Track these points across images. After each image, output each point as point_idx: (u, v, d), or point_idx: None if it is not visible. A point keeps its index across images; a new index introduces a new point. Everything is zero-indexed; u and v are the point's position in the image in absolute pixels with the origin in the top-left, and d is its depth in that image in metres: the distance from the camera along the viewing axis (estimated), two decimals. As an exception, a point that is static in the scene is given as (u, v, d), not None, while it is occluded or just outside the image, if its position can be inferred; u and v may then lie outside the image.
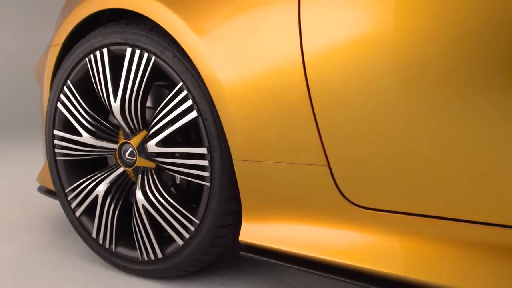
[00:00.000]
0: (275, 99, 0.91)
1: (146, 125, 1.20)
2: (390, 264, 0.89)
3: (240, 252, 1.06)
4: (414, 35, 0.77)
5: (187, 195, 1.28)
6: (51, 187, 1.51)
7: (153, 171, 1.20)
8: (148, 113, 1.26)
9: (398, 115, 0.81)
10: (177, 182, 1.26)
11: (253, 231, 1.04)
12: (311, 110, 0.89)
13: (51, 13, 6.51)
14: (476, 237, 0.80)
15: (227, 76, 0.96)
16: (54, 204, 2.04)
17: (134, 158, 1.21)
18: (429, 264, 0.85)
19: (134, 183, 1.31)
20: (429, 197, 0.82)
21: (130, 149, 1.21)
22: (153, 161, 1.18)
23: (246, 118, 0.96)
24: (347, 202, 0.91)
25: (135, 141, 1.20)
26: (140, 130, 1.20)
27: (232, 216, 1.11)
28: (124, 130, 1.23)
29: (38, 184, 2.38)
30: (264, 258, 1.03)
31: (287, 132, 0.92)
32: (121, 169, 1.27)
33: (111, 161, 1.44)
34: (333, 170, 0.90)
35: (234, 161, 1.01)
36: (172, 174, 1.26)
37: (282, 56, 0.89)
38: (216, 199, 1.07)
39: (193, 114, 1.06)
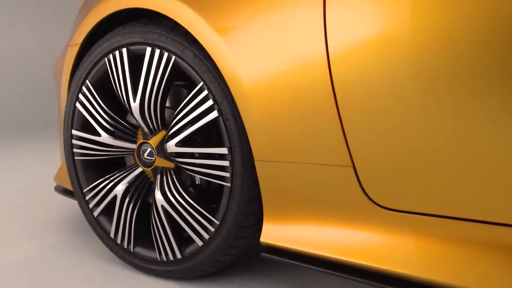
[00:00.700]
0: (299, 98, 0.90)
1: (165, 125, 1.19)
2: (414, 266, 0.87)
3: (261, 254, 1.05)
4: (442, 34, 0.76)
5: (206, 195, 1.27)
6: (68, 187, 1.51)
7: (172, 171, 1.19)
8: (166, 113, 1.25)
9: (425, 115, 0.79)
10: (197, 182, 1.25)
11: (275, 232, 1.03)
12: (335, 110, 0.87)
13: (67, 12, 6.57)
14: (506, 240, 0.79)
15: (250, 76, 0.95)
16: (70, 204, 2.05)
17: (153, 158, 1.20)
18: (456, 266, 0.83)
19: (152, 183, 1.30)
20: (456, 198, 0.81)
21: (149, 149, 1.21)
22: (172, 161, 1.17)
23: (269, 118, 0.95)
24: (372, 204, 0.90)
25: (154, 141, 1.19)
26: (159, 130, 1.19)
27: (253, 217, 1.10)
28: (143, 130, 1.23)
29: (54, 184, 2.39)
30: (285, 260, 1.02)
31: (311, 132, 0.91)
32: (139, 169, 1.26)
33: (128, 161, 1.44)
34: (358, 171, 0.89)
35: (256, 162, 1.00)
36: (191, 174, 1.25)
37: (307, 55, 0.88)
38: (237, 200, 1.06)
39: (214, 114, 1.05)
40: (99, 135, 1.26)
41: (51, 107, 5.70)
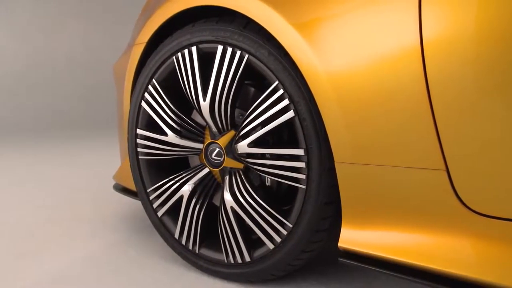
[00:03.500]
0: (389, 95, 0.85)
1: (234, 125, 1.17)
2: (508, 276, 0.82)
3: (339, 258, 1.01)
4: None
5: (277, 197, 1.24)
6: (129, 186, 1.51)
7: (240, 172, 1.17)
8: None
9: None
10: (267, 184, 1.22)
11: (354, 237, 0.98)
12: (429, 109, 0.82)
13: (109, 15, 6.72)
14: None
15: (333, 73, 0.91)
16: (125, 202, 2.07)
17: (222, 159, 1.18)
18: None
19: (219, 184, 1.28)
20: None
21: (218, 149, 1.18)
22: (242, 162, 1.14)
23: (353, 117, 0.90)
24: (466, 209, 0.84)
25: (223, 141, 1.17)
26: (228, 130, 1.17)
27: (328, 221, 1.06)
28: (211, 129, 1.20)
29: (107, 182, 2.43)
30: (364, 265, 0.98)
31: (400, 133, 0.86)
32: (206, 170, 1.24)
33: (192, 161, 1.42)
34: (451, 175, 0.83)
35: (336, 164, 0.96)
36: (260, 175, 1.22)
37: (399, 49, 0.83)
38: (313, 202, 1.03)
39: (290, 114, 1.02)
40: (165, 134, 1.25)
41: (99, 107, 5.85)
